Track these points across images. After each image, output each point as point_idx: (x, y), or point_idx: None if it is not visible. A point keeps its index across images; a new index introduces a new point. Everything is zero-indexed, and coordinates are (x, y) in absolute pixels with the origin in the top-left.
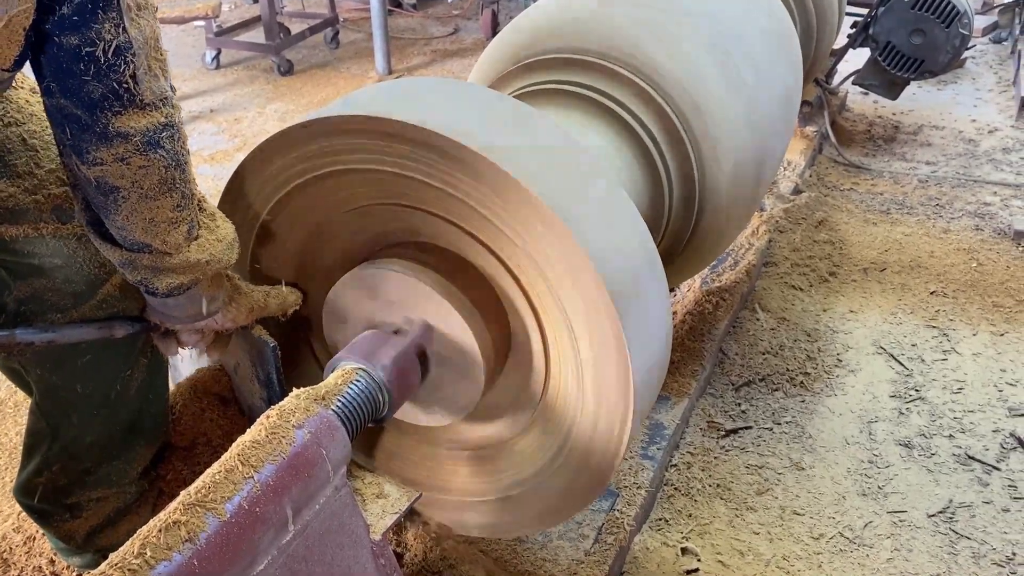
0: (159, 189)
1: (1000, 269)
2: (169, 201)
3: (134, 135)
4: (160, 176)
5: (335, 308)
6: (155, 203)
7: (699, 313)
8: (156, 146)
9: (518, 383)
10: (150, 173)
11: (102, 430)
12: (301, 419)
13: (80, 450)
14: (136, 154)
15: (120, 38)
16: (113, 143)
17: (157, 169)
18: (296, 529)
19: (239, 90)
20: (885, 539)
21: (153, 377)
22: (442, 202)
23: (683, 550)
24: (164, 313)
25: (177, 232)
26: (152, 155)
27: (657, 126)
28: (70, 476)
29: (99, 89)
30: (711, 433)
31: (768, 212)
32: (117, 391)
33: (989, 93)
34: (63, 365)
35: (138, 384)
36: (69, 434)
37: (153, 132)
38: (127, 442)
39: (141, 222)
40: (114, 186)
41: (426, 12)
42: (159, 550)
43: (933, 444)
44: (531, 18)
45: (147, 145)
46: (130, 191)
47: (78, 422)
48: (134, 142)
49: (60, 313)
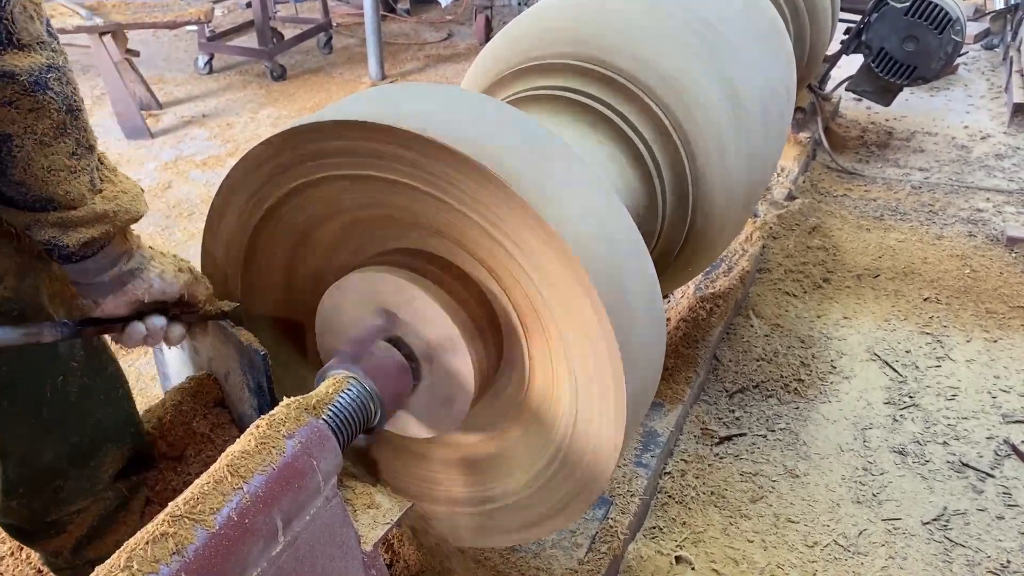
0: (53, 134)
1: (993, 275)
2: (64, 147)
3: (20, 74)
4: (52, 120)
5: (326, 316)
6: (50, 149)
7: (693, 319)
8: (44, 87)
9: (510, 392)
10: (41, 116)
11: (55, 445)
12: (291, 429)
13: (40, 469)
14: (24, 95)
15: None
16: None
17: (48, 112)
18: (286, 540)
19: (231, 95)
20: (880, 547)
21: (96, 381)
22: (431, 207)
23: (677, 558)
24: (89, 283)
25: (78, 182)
26: (41, 96)
27: (650, 131)
28: (40, 496)
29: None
30: (705, 440)
31: (762, 218)
32: (53, 400)
33: (981, 99)
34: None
35: (77, 390)
36: (20, 454)
37: (39, 72)
38: (89, 451)
39: (40, 171)
40: (6, 133)
41: (419, 17)
42: (146, 563)
43: (927, 451)
44: (524, 24)
45: (34, 85)
46: (23, 137)
47: (24, 440)
48: (21, 82)
49: None
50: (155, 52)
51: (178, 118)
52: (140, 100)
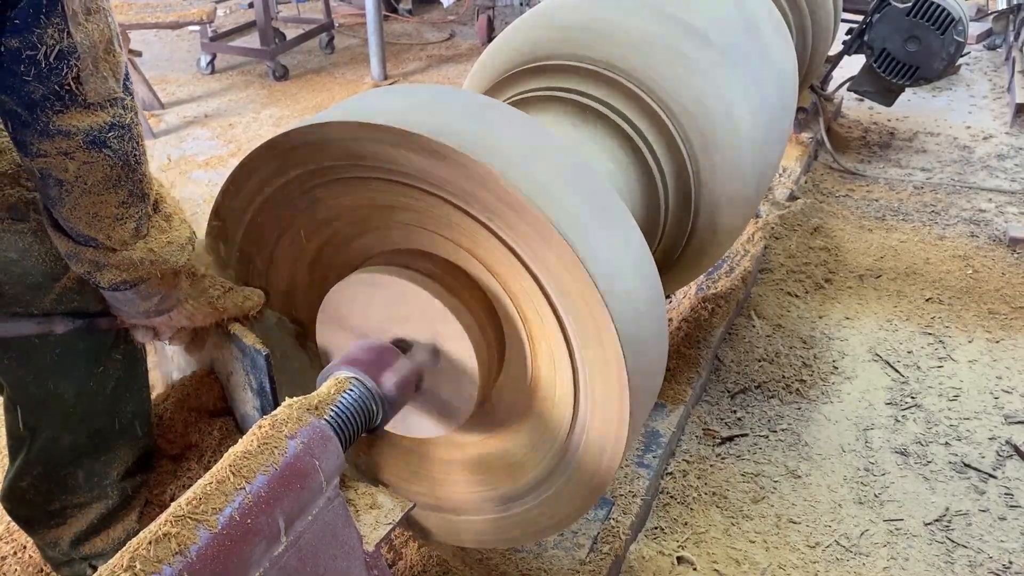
0: (103, 185)
1: (995, 276)
2: (114, 197)
3: (76, 133)
4: (104, 173)
5: (328, 316)
6: (99, 198)
7: (695, 320)
8: (102, 145)
9: (513, 392)
10: (94, 169)
11: (79, 430)
12: (294, 429)
13: (58, 452)
14: (80, 150)
15: (63, 43)
16: (55, 139)
17: (102, 167)
18: (288, 541)
19: (234, 95)
20: (881, 547)
21: (129, 376)
22: (433, 209)
23: (679, 559)
24: (116, 307)
25: (123, 229)
26: (96, 153)
27: (652, 132)
28: (51, 480)
29: (40, 90)
30: (707, 441)
31: (764, 219)
32: (91, 388)
33: (984, 100)
34: (31, 359)
35: (113, 382)
36: (46, 435)
37: (98, 131)
38: (106, 443)
39: (84, 216)
40: (57, 179)
41: (421, 17)
42: (149, 563)
43: (929, 452)
44: (527, 24)
45: (91, 143)
46: (73, 184)
47: (54, 421)
48: (77, 140)
49: (20, 307)
50: (157, 52)
51: (180, 118)
52: (142, 100)
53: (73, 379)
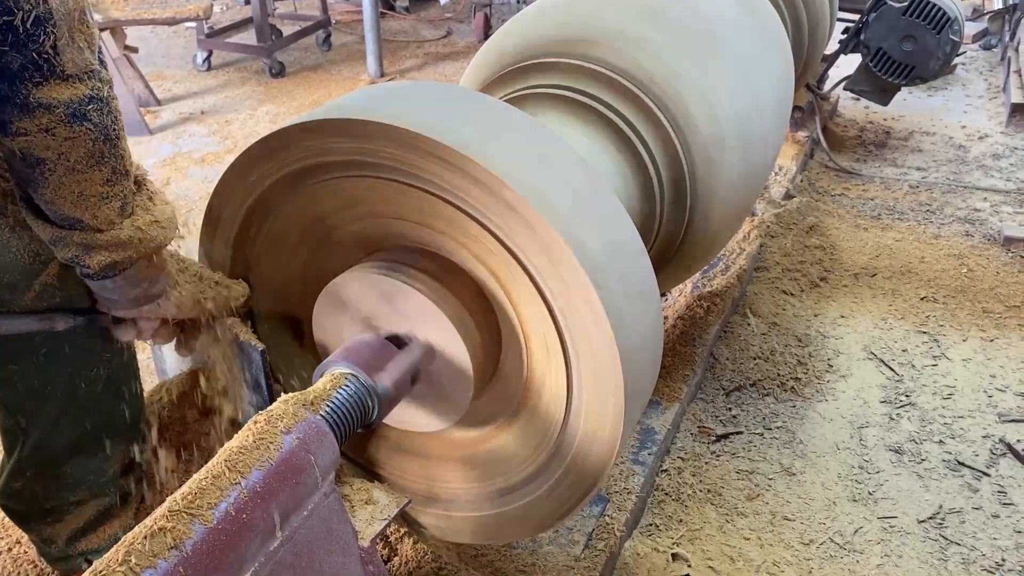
0: (87, 162)
1: (990, 275)
2: (98, 175)
3: (57, 106)
4: (87, 149)
5: (324, 312)
6: (83, 176)
7: (690, 318)
8: (82, 118)
9: (508, 388)
10: (77, 145)
11: (73, 429)
12: (289, 424)
13: (53, 451)
14: (61, 125)
15: (40, 8)
16: (35, 114)
17: (84, 142)
18: (284, 536)
19: (230, 92)
20: (875, 545)
21: (122, 374)
22: (431, 206)
23: (673, 556)
24: (106, 297)
25: (108, 207)
26: (78, 127)
27: (647, 130)
28: (47, 478)
29: (18, 60)
30: (702, 438)
31: (759, 217)
32: (83, 387)
33: (979, 99)
34: (20, 356)
35: (105, 379)
36: (39, 433)
37: (78, 104)
38: (101, 441)
39: (70, 195)
40: (40, 158)
41: (418, 15)
42: (144, 557)
43: (923, 450)
44: (523, 22)
45: (72, 117)
46: (56, 163)
47: (47, 419)
48: (58, 113)
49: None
50: (154, 49)
51: (177, 115)
52: (139, 97)
53: (63, 377)
